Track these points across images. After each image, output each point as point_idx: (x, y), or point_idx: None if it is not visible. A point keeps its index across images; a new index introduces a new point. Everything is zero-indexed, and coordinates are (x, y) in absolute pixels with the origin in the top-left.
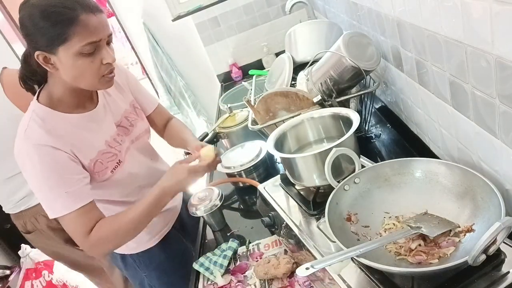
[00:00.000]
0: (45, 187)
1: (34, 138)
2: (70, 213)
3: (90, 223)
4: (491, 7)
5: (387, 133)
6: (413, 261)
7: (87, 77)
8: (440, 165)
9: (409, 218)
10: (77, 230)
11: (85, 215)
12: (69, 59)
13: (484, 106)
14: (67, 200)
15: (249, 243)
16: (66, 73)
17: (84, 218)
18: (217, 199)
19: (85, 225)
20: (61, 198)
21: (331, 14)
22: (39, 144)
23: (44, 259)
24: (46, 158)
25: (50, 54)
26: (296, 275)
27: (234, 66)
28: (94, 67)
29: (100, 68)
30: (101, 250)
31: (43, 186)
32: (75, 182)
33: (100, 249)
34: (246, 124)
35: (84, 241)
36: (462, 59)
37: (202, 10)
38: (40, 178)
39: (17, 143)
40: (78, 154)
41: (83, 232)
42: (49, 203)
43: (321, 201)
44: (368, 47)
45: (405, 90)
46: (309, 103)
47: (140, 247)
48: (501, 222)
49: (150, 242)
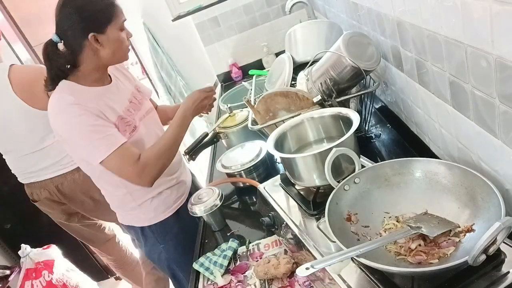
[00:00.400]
0: (83, 139)
1: (67, 101)
2: (112, 153)
3: (132, 156)
4: (491, 7)
5: (387, 133)
6: (413, 261)
7: (123, 49)
8: (440, 165)
9: (409, 218)
10: (123, 166)
11: (125, 152)
12: (114, 34)
13: (484, 106)
14: (105, 143)
15: (249, 243)
16: (109, 48)
17: (126, 154)
18: (217, 199)
19: (129, 159)
20: (100, 143)
21: (331, 14)
22: (71, 104)
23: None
24: (79, 113)
25: (100, 34)
26: (296, 275)
27: (234, 66)
28: (125, 41)
29: (127, 43)
30: (149, 176)
31: (81, 139)
32: (108, 129)
33: (148, 175)
34: (246, 124)
35: (132, 172)
36: (462, 59)
37: (202, 10)
38: (77, 132)
39: (52, 113)
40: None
41: (129, 165)
42: (91, 152)
43: (321, 201)
44: (368, 47)
45: (405, 90)
46: (309, 103)
47: (157, 217)
48: (501, 222)
49: (166, 213)
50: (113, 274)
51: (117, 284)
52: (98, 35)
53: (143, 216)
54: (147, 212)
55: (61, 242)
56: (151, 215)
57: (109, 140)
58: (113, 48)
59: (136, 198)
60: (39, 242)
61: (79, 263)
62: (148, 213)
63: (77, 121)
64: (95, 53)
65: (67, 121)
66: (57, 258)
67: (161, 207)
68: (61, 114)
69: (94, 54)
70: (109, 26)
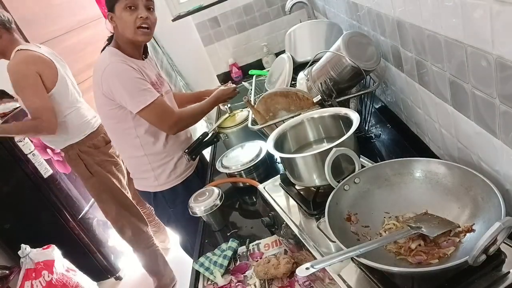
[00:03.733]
0: (127, 89)
1: (114, 58)
2: (152, 102)
3: (168, 107)
4: (491, 7)
5: (387, 133)
6: (413, 261)
7: (129, 27)
8: (440, 165)
9: (409, 218)
10: (162, 114)
11: (162, 102)
12: (120, 13)
13: (484, 106)
14: (147, 94)
15: (249, 243)
16: (119, 25)
17: (163, 104)
18: (217, 199)
19: (167, 109)
20: (142, 93)
21: (331, 14)
22: (118, 60)
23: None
24: (125, 67)
25: (112, 13)
26: (296, 275)
27: (234, 66)
28: (132, 19)
29: (135, 21)
30: (178, 126)
31: (124, 89)
32: (148, 84)
33: (178, 125)
34: (246, 124)
35: (170, 119)
36: (462, 59)
37: (202, 10)
38: (123, 82)
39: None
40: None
41: (166, 114)
42: (134, 100)
43: (321, 201)
44: (368, 47)
45: (405, 90)
46: (309, 103)
47: (168, 183)
48: (501, 222)
49: (176, 180)
50: (113, 274)
51: (117, 284)
52: (112, 14)
53: (156, 182)
54: (159, 178)
55: (61, 242)
56: (162, 181)
57: (150, 92)
58: (120, 26)
59: (151, 161)
60: (39, 242)
61: (79, 263)
62: (160, 179)
63: (123, 73)
64: (115, 29)
65: (113, 73)
66: (57, 258)
67: (172, 175)
68: (109, 67)
69: (115, 30)
70: (116, 5)
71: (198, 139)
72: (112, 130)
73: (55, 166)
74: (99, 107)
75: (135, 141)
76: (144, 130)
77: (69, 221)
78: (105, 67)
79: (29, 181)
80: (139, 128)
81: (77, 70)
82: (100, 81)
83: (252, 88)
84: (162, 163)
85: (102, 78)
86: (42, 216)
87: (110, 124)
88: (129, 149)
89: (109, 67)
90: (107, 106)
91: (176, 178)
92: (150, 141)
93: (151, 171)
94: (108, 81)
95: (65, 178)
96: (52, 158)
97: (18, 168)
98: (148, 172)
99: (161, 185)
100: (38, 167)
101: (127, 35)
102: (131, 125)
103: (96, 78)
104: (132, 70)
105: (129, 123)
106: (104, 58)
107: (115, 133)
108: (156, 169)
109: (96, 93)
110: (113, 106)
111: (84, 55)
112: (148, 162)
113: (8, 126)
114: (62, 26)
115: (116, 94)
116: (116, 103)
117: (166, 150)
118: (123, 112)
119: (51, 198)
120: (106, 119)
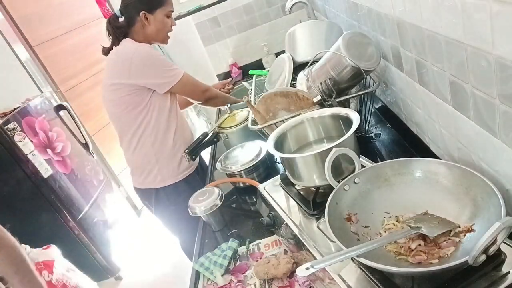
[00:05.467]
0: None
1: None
2: (183, 75)
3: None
4: (491, 7)
5: (387, 133)
6: (413, 261)
7: (164, 31)
8: (440, 165)
9: (409, 218)
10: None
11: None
12: (161, 17)
13: (484, 106)
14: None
15: (249, 243)
16: (155, 27)
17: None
18: (217, 199)
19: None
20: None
21: (331, 14)
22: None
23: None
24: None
25: (149, 14)
26: (296, 275)
27: (234, 66)
28: (168, 26)
29: (169, 27)
30: (213, 102)
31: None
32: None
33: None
34: (246, 124)
35: (201, 86)
36: (462, 59)
37: (202, 10)
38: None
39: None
40: None
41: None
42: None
43: (321, 201)
44: (368, 47)
45: (405, 90)
46: (309, 103)
47: (170, 179)
48: (501, 222)
49: (179, 176)
50: (113, 274)
51: (117, 284)
52: (148, 14)
53: (159, 178)
54: (163, 172)
55: (61, 242)
56: (165, 177)
57: (178, 68)
58: (157, 27)
59: (157, 152)
60: (39, 242)
61: (79, 263)
62: (163, 174)
63: (155, 53)
64: (143, 27)
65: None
66: (57, 258)
67: (175, 171)
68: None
69: (142, 28)
70: (159, 9)
71: (198, 139)
72: (122, 120)
73: (55, 166)
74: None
75: (146, 130)
76: (155, 118)
77: (69, 221)
78: (133, 51)
79: (29, 181)
80: (151, 114)
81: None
82: (128, 65)
83: (252, 88)
84: (168, 155)
85: (132, 61)
86: (42, 216)
87: (122, 112)
88: (136, 139)
89: (139, 49)
90: (125, 91)
91: (178, 174)
92: (162, 129)
93: (156, 164)
94: (140, 62)
95: (65, 178)
96: (52, 158)
97: (18, 168)
98: (152, 165)
99: (164, 181)
100: (38, 167)
101: (159, 37)
102: (145, 111)
103: (119, 65)
104: (156, 52)
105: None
106: (128, 45)
107: (125, 123)
108: (161, 160)
109: (113, 81)
110: (131, 90)
111: (84, 55)
112: (154, 153)
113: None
114: (62, 26)
115: (149, 72)
116: (138, 86)
117: (174, 142)
118: (140, 97)
119: (51, 198)
120: (118, 106)
